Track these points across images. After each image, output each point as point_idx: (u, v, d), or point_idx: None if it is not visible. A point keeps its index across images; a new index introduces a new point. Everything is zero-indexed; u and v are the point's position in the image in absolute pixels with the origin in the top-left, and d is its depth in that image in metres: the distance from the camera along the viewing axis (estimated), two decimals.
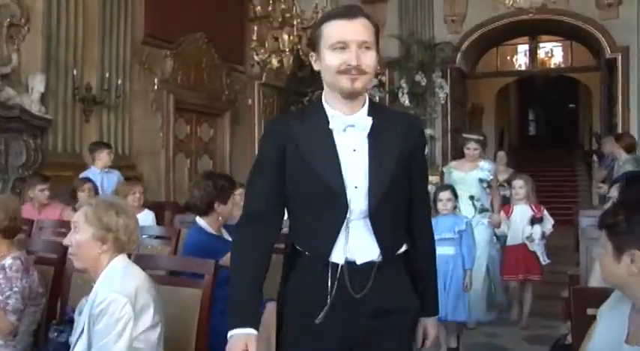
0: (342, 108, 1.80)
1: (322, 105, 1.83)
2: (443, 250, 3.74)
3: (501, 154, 7.80)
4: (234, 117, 9.58)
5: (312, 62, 1.83)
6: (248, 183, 1.91)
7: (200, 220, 3.09)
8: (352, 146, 1.79)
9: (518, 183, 5.33)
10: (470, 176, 5.28)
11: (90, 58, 6.89)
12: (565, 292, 4.41)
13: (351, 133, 1.80)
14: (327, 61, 1.75)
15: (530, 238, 5.07)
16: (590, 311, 1.88)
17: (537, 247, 5.09)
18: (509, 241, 5.27)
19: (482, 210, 5.24)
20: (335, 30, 1.76)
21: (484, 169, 5.31)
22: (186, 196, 8.09)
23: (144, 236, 3.72)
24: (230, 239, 3.13)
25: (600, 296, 1.80)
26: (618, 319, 1.66)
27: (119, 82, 7.11)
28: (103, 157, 5.87)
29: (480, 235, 4.98)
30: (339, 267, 1.76)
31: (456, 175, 5.38)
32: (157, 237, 3.70)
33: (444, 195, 4.35)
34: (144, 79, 7.75)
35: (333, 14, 1.81)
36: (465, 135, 5.72)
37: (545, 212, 5.21)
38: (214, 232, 3.08)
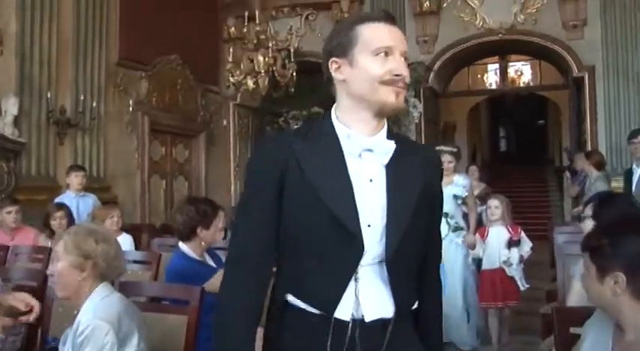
0: (362, 128, 1.52)
1: (332, 122, 1.55)
2: None
3: (473, 168, 7.68)
4: (210, 138, 9.58)
5: (332, 70, 1.53)
6: (238, 214, 1.63)
7: (183, 246, 3.09)
8: (368, 175, 1.50)
9: (494, 203, 4.94)
10: (444, 192, 5.11)
11: (64, 80, 6.87)
12: (543, 308, 4.48)
13: (367, 159, 1.51)
14: (367, 68, 1.47)
15: (507, 262, 4.73)
16: (572, 330, 1.93)
17: (515, 272, 4.77)
18: (485, 265, 4.92)
19: (457, 228, 4.98)
20: (379, 33, 1.50)
21: (459, 184, 5.02)
22: (162, 218, 8.19)
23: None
24: (213, 264, 3.14)
25: (582, 315, 1.84)
26: (602, 338, 1.70)
27: (94, 104, 7.08)
28: (72, 180, 5.83)
29: (453, 255, 4.81)
30: (347, 325, 1.46)
31: None
32: (137, 261, 3.68)
33: None
34: (119, 101, 7.73)
35: (373, 16, 1.55)
36: (437, 148, 5.21)
37: (523, 234, 4.87)
38: (197, 258, 3.07)
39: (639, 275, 1.55)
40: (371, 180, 1.50)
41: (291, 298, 1.52)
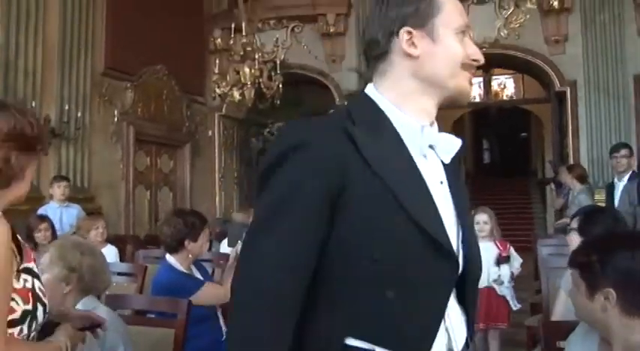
0: (424, 118, 1.24)
1: (381, 109, 1.22)
2: None
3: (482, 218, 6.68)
4: (195, 148, 9.58)
5: (403, 42, 1.21)
6: (256, 234, 1.15)
7: (170, 258, 3.09)
8: (438, 177, 1.23)
9: (482, 218, 4.56)
10: None
11: (49, 89, 6.82)
12: (528, 321, 4.53)
13: (430, 158, 1.24)
14: (452, 46, 1.22)
15: (498, 280, 4.38)
16: (559, 344, 1.96)
17: (507, 290, 4.41)
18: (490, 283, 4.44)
19: None
20: (459, 8, 1.26)
21: None
22: (147, 229, 8.15)
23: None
24: (200, 276, 3.14)
25: (569, 329, 1.87)
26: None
27: (79, 114, 7.06)
28: (55, 190, 5.80)
29: None
30: None
31: None
32: (122, 274, 3.66)
33: None
34: (104, 111, 7.70)
35: None
36: None
37: (512, 250, 4.54)
38: (184, 270, 3.07)
39: (629, 291, 1.56)
40: (441, 182, 1.23)
41: (353, 341, 1.13)
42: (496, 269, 4.37)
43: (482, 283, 4.10)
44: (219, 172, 10.03)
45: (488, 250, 4.35)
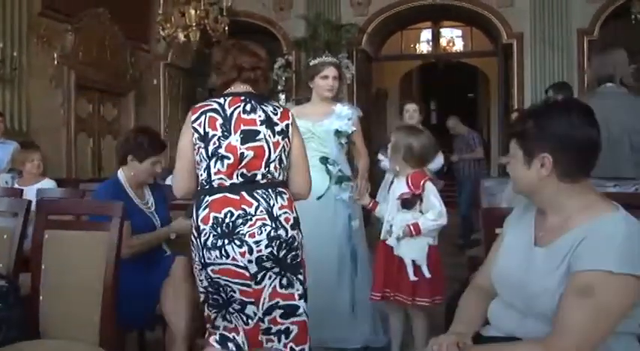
0: None
1: None
2: None
3: (411, 107, 5.25)
4: (139, 97, 9.33)
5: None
6: None
7: (120, 172, 3.01)
8: None
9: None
10: (321, 128, 3.63)
11: None
12: (470, 251, 4.59)
13: None
14: None
15: (389, 231, 3.08)
16: (498, 231, 1.98)
17: (405, 249, 3.02)
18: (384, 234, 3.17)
19: (342, 179, 3.63)
20: None
21: (342, 116, 3.65)
22: (90, 177, 7.92)
23: (46, 199, 3.57)
24: (151, 198, 3.05)
25: (507, 215, 1.89)
26: (524, 227, 1.75)
27: (14, 53, 6.73)
28: None
29: (335, 217, 3.59)
30: None
31: (300, 126, 2.81)
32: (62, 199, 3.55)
33: None
34: (42, 53, 7.37)
35: None
36: (313, 61, 3.85)
37: (431, 192, 3.05)
38: (130, 189, 2.99)
39: (565, 155, 1.58)
40: None
41: None
42: (390, 217, 3.11)
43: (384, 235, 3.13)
44: (165, 122, 9.81)
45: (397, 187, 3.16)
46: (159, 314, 2.77)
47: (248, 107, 2.35)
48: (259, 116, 2.35)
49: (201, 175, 2.33)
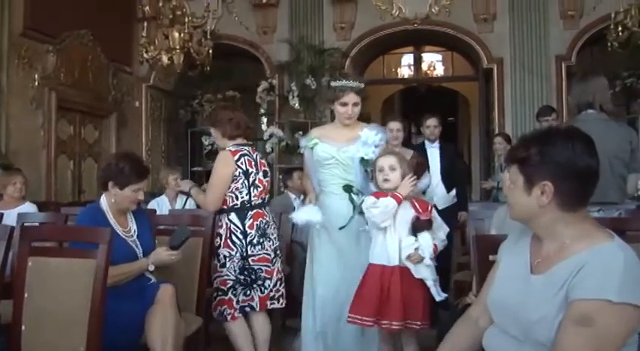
0: None
1: None
2: None
3: (395, 126, 5.10)
4: (121, 119, 9.24)
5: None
6: None
7: (102, 198, 2.95)
8: None
9: (388, 161, 3.15)
10: (345, 154, 3.45)
11: None
12: (456, 275, 4.59)
13: None
14: None
15: (414, 255, 2.99)
16: (492, 257, 1.97)
17: (426, 271, 3.03)
18: (374, 258, 3.09)
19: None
20: None
21: (368, 143, 3.41)
22: (70, 200, 7.80)
23: (26, 224, 3.50)
24: (134, 227, 2.99)
25: (501, 242, 1.88)
26: (519, 253, 1.74)
27: None
28: None
29: (361, 246, 3.36)
30: None
31: (324, 151, 3.45)
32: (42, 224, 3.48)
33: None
34: (23, 74, 7.29)
35: None
36: (334, 83, 3.59)
37: (436, 214, 3.21)
38: (112, 216, 2.92)
39: (566, 183, 1.57)
40: None
41: None
42: (412, 239, 3.02)
43: (392, 260, 3.01)
44: (147, 144, 9.72)
45: (404, 213, 3.08)
46: (143, 343, 2.70)
47: (260, 155, 3.71)
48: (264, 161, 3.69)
49: (243, 197, 3.52)
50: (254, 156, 3.59)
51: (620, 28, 7.30)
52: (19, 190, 4.48)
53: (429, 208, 3.14)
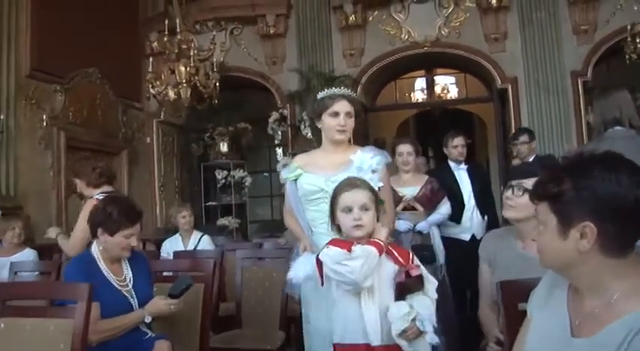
0: None
1: None
2: None
3: (406, 148, 4.78)
4: (132, 156, 9.16)
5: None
6: None
7: (94, 245, 2.78)
8: None
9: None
10: (335, 185, 2.58)
11: None
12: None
13: None
14: None
15: (404, 333, 2.18)
16: (521, 306, 1.67)
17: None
18: (345, 336, 2.34)
19: None
20: None
21: (364, 168, 2.82)
22: None
23: (23, 273, 3.36)
24: (129, 272, 2.80)
25: (530, 288, 1.59)
26: (555, 310, 1.45)
27: (1, 116, 6.61)
28: None
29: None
30: None
31: (309, 183, 2.84)
32: (40, 273, 3.33)
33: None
34: (31, 115, 7.24)
35: None
36: (321, 94, 3.16)
37: (418, 262, 2.38)
38: (104, 265, 2.74)
39: (611, 223, 1.29)
40: None
41: None
42: (405, 307, 2.21)
43: (373, 337, 2.22)
44: (159, 180, 9.62)
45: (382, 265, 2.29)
46: None
47: None
48: None
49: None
50: None
51: (638, 40, 7.11)
52: (18, 235, 4.36)
53: (411, 257, 2.34)
